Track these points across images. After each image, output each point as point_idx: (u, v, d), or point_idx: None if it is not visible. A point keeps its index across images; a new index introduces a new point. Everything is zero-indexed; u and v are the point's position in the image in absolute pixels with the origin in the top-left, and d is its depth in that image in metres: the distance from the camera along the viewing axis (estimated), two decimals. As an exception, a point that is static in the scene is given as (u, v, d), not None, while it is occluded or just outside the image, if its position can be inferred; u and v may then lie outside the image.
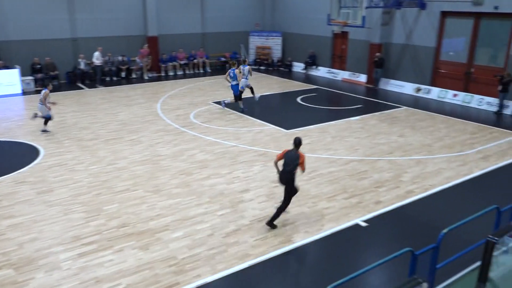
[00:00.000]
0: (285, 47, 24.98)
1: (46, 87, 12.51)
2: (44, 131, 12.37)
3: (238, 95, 14.79)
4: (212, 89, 18.79)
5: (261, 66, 24.65)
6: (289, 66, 24.09)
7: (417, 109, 15.73)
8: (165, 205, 8.19)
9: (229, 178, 9.44)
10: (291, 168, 7.08)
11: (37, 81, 18.08)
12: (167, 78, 21.23)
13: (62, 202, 8.25)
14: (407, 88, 18.72)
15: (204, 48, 23.56)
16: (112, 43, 20.43)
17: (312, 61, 23.08)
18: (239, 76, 14.64)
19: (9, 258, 6.47)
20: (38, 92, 14.66)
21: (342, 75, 21.69)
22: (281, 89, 18.98)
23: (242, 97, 14.96)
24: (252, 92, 15.46)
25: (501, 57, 15.94)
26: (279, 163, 7.24)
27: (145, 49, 20.88)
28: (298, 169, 7.14)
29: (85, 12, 19.91)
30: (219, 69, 23.91)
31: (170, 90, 18.48)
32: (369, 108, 15.91)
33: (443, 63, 17.84)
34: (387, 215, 7.95)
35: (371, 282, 6.17)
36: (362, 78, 20.66)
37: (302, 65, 23.60)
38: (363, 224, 7.58)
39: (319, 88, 19.07)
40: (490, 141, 12.07)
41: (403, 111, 15.50)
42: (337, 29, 19.06)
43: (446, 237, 5.41)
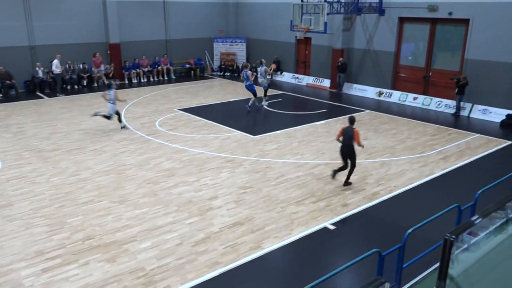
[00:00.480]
0: (249, 53, 25.12)
1: (111, 87, 13.13)
2: (123, 126, 13.56)
3: (256, 92, 16.09)
4: (177, 96, 18.63)
5: (226, 72, 24.67)
6: (254, 72, 24.16)
7: (379, 113, 16.15)
8: (132, 215, 8.02)
9: (197, 185, 9.35)
10: (348, 141, 8.91)
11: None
12: (130, 85, 20.90)
13: (23, 216, 7.93)
14: (369, 92, 19.20)
15: (168, 55, 23.35)
16: (72, 51, 19.94)
17: (276, 67, 23.28)
18: (251, 76, 15.82)
19: (-34, 278, 6.16)
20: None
21: (307, 80, 22.01)
22: (247, 95, 19.03)
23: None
24: (265, 94, 16.98)
25: (456, 61, 16.63)
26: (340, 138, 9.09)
27: (97, 57, 20.40)
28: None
29: (43, 19, 19.33)
30: (184, 76, 23.76)
31: (134, 98, 18.17)
32: (333, 112, 16.21)
33: (402, 67, 18.43)
34: (354, 217, 8.10)
35: (341, 284, 6.25)
36: (326, 83, 21.03)
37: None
38: (331, 227, 7.68)
39: (284, 94, 19.26)
40: (449, 142, 12.53)
41: (366, 114, 15.87)
42: (299, 35, 19.37)
43: (411, 236, 5.56)
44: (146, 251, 6.84)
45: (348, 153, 9.05)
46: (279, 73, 23.26)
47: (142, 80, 21.89)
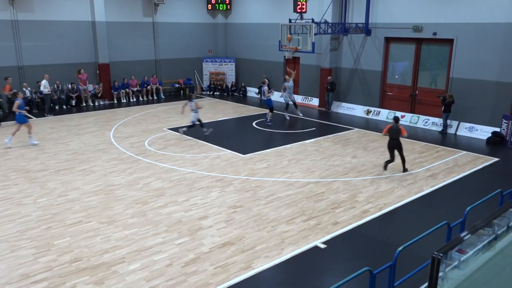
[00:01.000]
0: (238, 73, 25.33)
1: (192, 98, 15.07)
2: (206, 130, 15.01)
3: (272, 107, 17.14)
4: (167, 115, 18.63)
5: (215, 91, 24.79)
6: (243, 91, 24.37)
7: (368, 131, 16.30)
8: (121, 236, 7.92)
9: (186, 205, 9.29)
10: (396, 136, 10.97)
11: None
12: (119, 105, 20.86)
13: (9, 239, 7.78)
14: (357, 110, 19.40)
15: (158, 75, 23.43)
16: (61, 71, 19.91)
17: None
18: (266, 92, 17.03)
19: (-52, 303, 5.99)
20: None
21: (295, 99, 22.12)
22: (236, 114, 19.12)
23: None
24: (295, 106, 18.17)
25: (442, 80, 16.94)
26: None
27: (82, 73, 20.29)
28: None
29: (32, 39, 19.33)
30: (173, 95, 23.82)
31: (123, 117, 18.13)
32: (322, 130, 16.32)
33: (390, 86, 18.70)
34: (345, 235, 8.09)
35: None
36: (315, 101, 21.22)
37: (256, 90, 23.95)
38: (322, 246, 7.65)
39: (274, 113, 19.35)
40: (437, 159, 12.66)
41: (355, 132, 16.01)
42: (288, 55, 19.60)
43: (402, 254, 5.57)
44: (135, 273, 6.73)
45: (396, 146, 11.10)
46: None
47: (131, 100, 21.88)
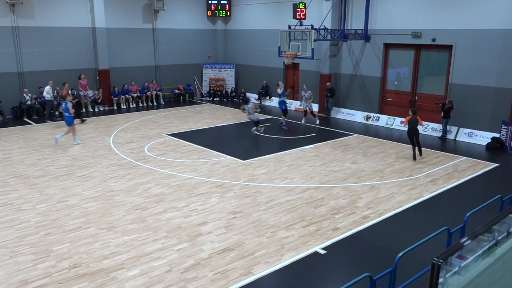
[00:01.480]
0: (238, 79, 25.38)
1: (249, 101, 16.50)
2: (258, 130, 16.25)
3: (285, 110, 17.49)
4: (166, 121, 18.65)
5: (215, 97, 24.83)
6: (243, 97, 24.39)
7: (367, 136, 16.31)
8: (120, 242, 7.89)
9: (186, 211, 9.28)
10: (415, 126, 12.88)
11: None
12: (119, 111, 20.87)
13: (8, 245, 7.75)
14: (357, 116, 19.43)
15: (158, 81, 23.48)
16: (61, 77, 19.92)
17: (265, 92, 23.53)
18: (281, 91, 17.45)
19: None
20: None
21: (295, 104, 22.21)
22: (236, 120, 19.13)
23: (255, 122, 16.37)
24: (313, 115, 18.53)
25: (441, 86, 16.98)
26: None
27: (83, 78, 20.28)
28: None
29: (32, 45, 19.40)
30: (173, 101, 23.86)
31: (123, 123, 18.14)
32: (322, 136, 16.33)
33: (389, 92, 18.74)
34: (344, 241, 8.07)
35: (332, 310, 6.18)
36: (314, 107, 21.20)
37: (255, 95, 24.00)
38: (322, 252, 7.63)
39: (273, 118, 19.38)
40: (437, 165, 12.66)
41: (354, 138, 16.02)
42: (287, 61, 19.66)
43: (402, 260, 5.56)
44: (134, 279, 6.71)
45: (415, 134, 12.96)
46: (267, 98, 23.48)
47: (131, 106, 21.90)
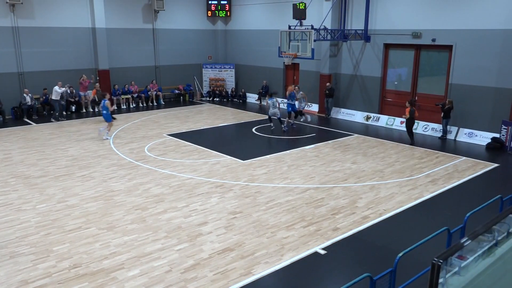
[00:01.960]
0: (238, 79, 25.39)
1: (271, 96, 16.96)
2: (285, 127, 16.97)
3: (289, 112, 17.45)
4: (166, 121, 18.65)
5: (215, 97, 24.84)
6: (243, 97, 24.41)
7: (367, 136, 16.31)
8: (120, 242, 7.89)
9: (186, 211, 9.28)
10: (413, 116, 14.94)
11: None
12: (119, 111, 20.87)
13: (8, 245, 7.75)
14: (357, 116, 19.43)
15: (158, 81, 23.49)
16: (61, 77, 19.93)
17: (265, 92, 23.51)
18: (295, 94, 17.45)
19: None
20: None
21: (295, 104, 22.16)
22: (236, 120, 19.14)
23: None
24: (302, 114, 18.03)
25: (441, 86, 16.98)
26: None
27: (84, 79, 20.27)
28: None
29: (32, 46, 19.40)
30: (173, 101, 23.87)
31: (123, 123, 18.14)
32: (322, 136, 16.33)
33: (389, 92, 18.74)
34: (344, 241, 8.07)
35: (332, 310, 6.18)
36: (314, 107, 21.25)
37: (255, 96, 24.01)
38: (322, 252, 7.63)
39: (273, 118, 19.36)
40: (437, 165, 12.66)
41: (354, 138, 16.02)
42: (287, 61, 19.66)
43: (402, 260, 5.56)
44: (134, 279, 6.71)
45: (412, 123, 15.12)
46: (267, 98, 23.44)
47: (131, 106, 21.90)
